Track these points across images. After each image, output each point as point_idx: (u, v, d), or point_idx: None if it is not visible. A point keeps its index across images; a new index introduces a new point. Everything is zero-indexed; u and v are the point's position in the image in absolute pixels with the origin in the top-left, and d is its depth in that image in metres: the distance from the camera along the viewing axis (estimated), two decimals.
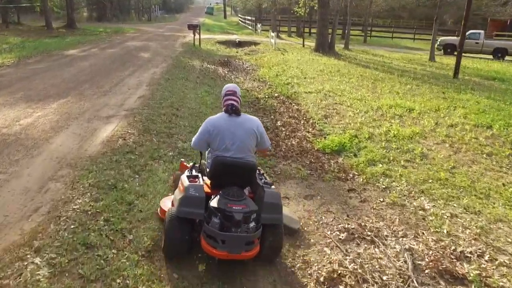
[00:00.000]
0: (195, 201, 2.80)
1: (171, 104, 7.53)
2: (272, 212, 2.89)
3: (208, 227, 2.72)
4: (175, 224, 2.82)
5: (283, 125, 7.64)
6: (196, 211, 2.79)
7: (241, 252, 2.73)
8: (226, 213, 2.69)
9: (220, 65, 14.43)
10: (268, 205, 2.87)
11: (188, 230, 2.88)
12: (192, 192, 2.82)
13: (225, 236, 2.68)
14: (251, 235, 2.73)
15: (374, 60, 17.77)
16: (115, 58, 13.44)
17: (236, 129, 3.00)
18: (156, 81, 9.60)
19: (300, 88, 10.69)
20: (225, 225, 2.70)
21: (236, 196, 2.81)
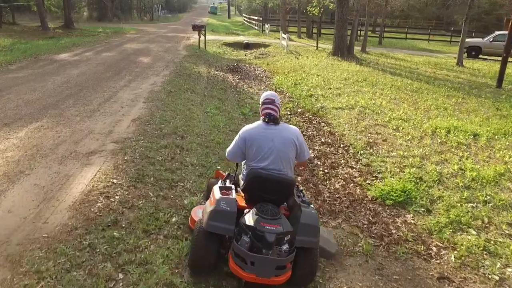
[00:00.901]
0: (226, 215, 2.62)
1: (174, 129, 5.86)
2: (308, 235, 2.65)
3: (237, 246, 2.52)
4: (202, 238, 2.66)
5: (318, 157, 5.96)
6: (226, 226, 2.59)
7: (271, 277, 2.49)
8: (258, 233, 2.49)
9: (229, 71, 12.76)
10: (304, 226, 2.64)
11: (216, 246, 2.70)
12: (223, 206, 2.64)
13: (254, 258, 2.46)
14: (283, 259, 2.51)
15: (398, 65, 16.06)
16: (110, 64, 11.79)
17: (274, 139, 2.84)
18: (156, 94, 7.93)
19: (327, 102, 9.00)
20: (255, 245, 2.49)
21: (270, 214, 2.59)
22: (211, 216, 2.62)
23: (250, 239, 2.49)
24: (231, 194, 2.84)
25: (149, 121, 6.08)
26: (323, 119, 7.88)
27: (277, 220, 2.55)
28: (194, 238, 2.72)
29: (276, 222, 2.54)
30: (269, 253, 2.46)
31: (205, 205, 2.90)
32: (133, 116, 6.31)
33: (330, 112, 8.21)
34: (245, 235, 2.52)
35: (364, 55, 18.58)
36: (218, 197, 2.72)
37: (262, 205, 2.67)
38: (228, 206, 2.64)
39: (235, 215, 2.63)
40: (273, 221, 2.53)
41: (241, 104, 8.52)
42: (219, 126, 6.58)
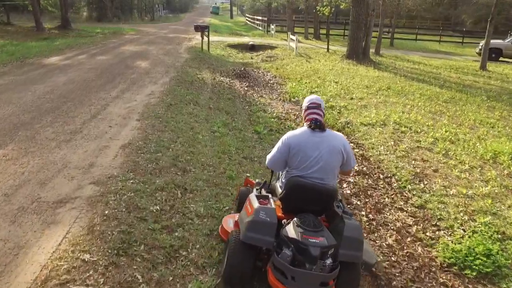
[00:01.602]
0: (265, 227, 2.44)
1: (174, 159, 4.60)
2: (352, 249, 2.43)
3: (278, 259, 2.33)
4: (239, 249, 2.48)
5: (356, 194, 4.71)
6: (265, 238, 2.41)
7: None
8: (301, 246, 2.30)
9: (236, 77, 11.50)
10: (348, 239, 2.42)
11: (253, 258, 2.51)
12: (263, 216, 2.46)
13: (297, 273, 2.27)
14: (328, 275, 2.30)
15: (418, 69, 14.79)
16: (103, 69, 10.54)
17: (321, 147, 2.64)
18: (152, 109, 6.67)
19: (352, 115, 7.74)
20: (297, 258, 2.31)
21: (313, 226, 2.42)
22: (249, 227, 2.47)
23: (292, 252, 2.34)
24: (269, 203, 2.68)
25: (142, 147, 4.82)
26: (352, 139, 6.62)
27: (320, 232, 2.41)
28: (230, 249, 2.55)
29: (320, 234, 2.39)
30: (313, 268, 2.29)
31: (241, 214, 2.74)
32: (123, 140, 5.05)
33: (359, 129, 6.96)
34: (287, 247, 2.37)
35: (379, 58, 17.32)
36: (257, 207, 2.55)
37: (304, 216, 2.52)
38: (268, 216, 2.49)
39: (275, 227, 2.48)
40: (316, 234, 2.38)
41: (253, 119, 7.27)
42: (230, 151, 5.32)
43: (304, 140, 2.67)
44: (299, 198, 2.63)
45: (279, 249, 2.39)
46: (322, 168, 2.64)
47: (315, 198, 2.62)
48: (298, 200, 2.63)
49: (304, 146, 2.65)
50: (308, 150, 2.64)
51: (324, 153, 2.64)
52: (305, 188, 2.59)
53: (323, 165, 2.64)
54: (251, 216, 2.50)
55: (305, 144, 2.66)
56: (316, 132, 2.67)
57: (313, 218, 2.50)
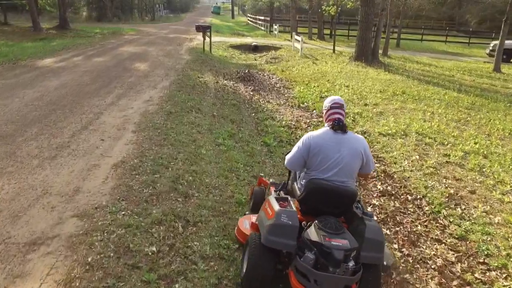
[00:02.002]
0: (287, 230, 2.39)
1: (174, 181, 3.96)
2: (374, 250, 2.39)
3: (301, 263, 2.28)
4: (259, 253, 2.44)
5: (384, 221, 4.07)
6: (287, 242, 2.37)
7: None
8: (324, 249, 2.25)
9: (240, 80, 10.86)
10: (369, 241, 2.39)
11: (274, 261, 2.47)
12: (284, 220, 2.41)
13: (321, 276, 2.22)
14: (352, 278, 2.26)
15: (430, 72, 14.13)
16: (99, 72, 9.91)
17: (342, 149, 2.60)
18: (150, 118, 6.04)
19: (368, 124, 7.10)
20: (321, 262, 2.26)
21: (334, 228, 2.37)
22: (270, 230, 2.41)
23: (315, 255, 2.28)
24: (288, 205, 2.61)
25: (137, 167, 4.18)
26: (371, 151, 5.97)
27: (343, 235, 2.35)
28: (250, 253, 2.49)
29: (342, 237, 2.33)
30: (336, 271, 2.24)
31: (260, 217, 2.67)
32: (116, 158, 4.41)
33: (377, 140, 6.32)
34: (309, 251, 2.32)
35: (387, 59, 16.66)
36: (278, 210, 2.49)
37: (325, 218, 2.47)
38: (290, 219, 2.43)
39: (297, 230, 2.42)
40: (339, 236, 2.32)
41: (261, 128, 6.63)
42: (238, 168, 4.68)
43: (325, 141, 2.62)
44: (319, 200, 2.60)
45: (301, 252, 2.36)
46: (343, 171, 2.61)
47: (336, 201, 2.60)
48: (318, 202, 2.61)
49: (325, 147, 2.61)
50: (329, 151, 2.60)
51: (345, 155, 2.60)
52: (326, 190, 2.56)
53: (344, 167, 2.60)
54: (273, 220, 2.45)
55: (326, 145, 2.61)
56: (337, 133, 2.63)
57: (334, 220, 2.46)
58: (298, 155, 2.71)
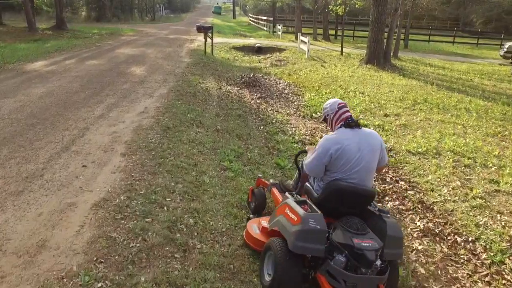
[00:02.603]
0: (316, 235, 2.33)
1: (169, 228, 3.09)
2: (396, 247, 2.44)
3: (333, 266, 2.26)
4: (286, 259, 2.38)
5: (433, 274, 3.21)
6: (317, 247, 2.32)
7: None
8: (356, 251, 2.24)
9: (245, 86, 10.00)
10: (391, 239, 2.41)
11: (301, 267, 2.44)
12: (312, 224, 2.35)
13: (356, 279, 2.21)
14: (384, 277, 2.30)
15: (447, 76, 13.27)
16: (91, 77, 9.07)
17: (362, 147, 2.58)
18: (144, 135, 5.18)
19: (393, 139, 6.25)
20: (352, 263, 2.25)
21: (360, 229, 2.38)
22: (299, 236, 2.34)
23: (346, 257, 2.27)
24: (310, 209, 2.54)
25: (124, 207, 3.32)
26: (399, 174, 5.12)
27: (368, 235, 2.37)
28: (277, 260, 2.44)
29: (368, 237, 2.34)
30: (369, 272, 2.25)
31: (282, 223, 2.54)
32: (98, 193, 3.55)
33: (406, 160, 5.46)
34: (339, 253, 2.30)
35: (398, 61, 15.80)
36: (304, 214, 2.41)
37: (348, 219, 2.48)
38: (318, 224, 2.37)
39: (326, 234, 2.38)
40: (365, 237, 2.33)
41: (272, 145, 5.77)
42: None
43: (346, 141, 2.59)
44: (339, 201, 2.60)
45: (329, 255, 2.34)
46: (364, 169, 2.60)
47: (355, 201, 2.61)
48: (338, 203, 2.61)
49: (347, 148, 2.56)
50: (351, 152, 2.57)
51: (365, 153, 2.59)
52: (346, 192, 2.56)
53: (365, 165, 2.60)
54: (300, 225, 2.38)
55: (347, 145, 2.57)
56: (354, 129, 2.63)
57: (358, 220, 2.47)
58: (319, 162, 2.64)
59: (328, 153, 2.58)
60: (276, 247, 2.49)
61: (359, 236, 2.33)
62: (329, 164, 2.62)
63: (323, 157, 2.60)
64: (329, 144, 2.60)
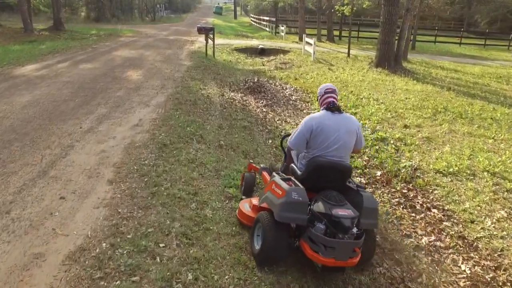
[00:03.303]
0: (299, 206, 2.66)
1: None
2: (371, 217, 2.79)
3: (314, 233, 2.58)
4: (273, 229, 2.71)
5: None
6: (299, 216, 2.66)
7: (347, 259, 2.58)
8: (334, 219, 2.57)
9: (250, 92, 9.31)
10: (367, 210, 2.76)
11: (287, 235, 2.77)
12: (295, 197, 2.67)
13: (334, 243, 2.53)
14: (359, 242, 2.60)
15: (462, 80, 12.56)
16: (83, 83, 8.38)
17: (340, 127, 2.94)
18: (136, 155, 4.49)
19: (417, 155, 5.55)
20: (331, 230, 2.57)
21: (338, 200, 2.72)
22: (283, 207, 2.65)
23: (325, 225, 2.57)
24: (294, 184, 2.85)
25: (105, 260, 2.62)
26: (430, 199, 4.43)
27: (346, 206, 2.68)
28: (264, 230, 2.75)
29: (346, 207, 2.66)
30: (345, 237, 2.54)
31: (269, 197, 2.88)
32: (74, 237, 2.85)
33: (436, 182, 4.76)
34: (319, 222, 2.60)
35: (408, 64, 15.08)
36: (288, 188, 2.72)
37: (328, 192, 2.77)
38: (300, 196, 2.68)
39: (307, 205, 2.69)
40: (343, 207, 2.65)
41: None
42: None
43: (325, 122, 2.92)
44: (320, 177, 2.89)
45: (311, 224, 2.62)
46: (341, 147, 2.93)
47: (335, 176, 2.91)
48: (318, 179, 2.90)
49: (326, 127, 2.90)
50: (329, 131, 2.90)
51: (342, 133, 2.92)
52: (327, 166, 2.86)
53: (342, 144, 2.93)
54: (284, 198, 2.67)
55: (327, 125, 2.91)
56: (335, 113, 2.97)
57: (336, 193, 2.78)
58: (301, 137, 2.95)
59: (310, 129, 2.93)
60: (264, 219, 2.81)
61: (337, 207, 2.64)
62: (310, 140, 2.96)
63: (306, 132, 2.95)
64: (311, 121, 2.97)
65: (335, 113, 2.96)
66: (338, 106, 3.02)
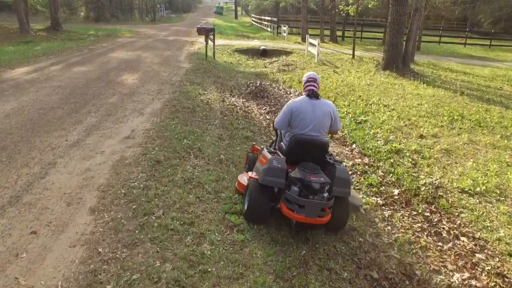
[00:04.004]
0: (278, 171, 3.20)
1: None
2: (342, 186, 3.23)
3: (289, 194, 3.09)
4: (258, 191, 3.28)
5: None
6: (279, 180, 3.19)
7: (316, 217, 3.04)
8: (305, 183, 3.08)
9: (252, 97, 8.79)
10: (339, 179, 3.21)
11: (269, 197, 3.32)
12: (275, 164, 3.22)
13: (304, 202, 3.02)
14: (326, 202, 3.07)
15: (473, 83, 12.02)
16: (74, 88, 7.87)
17: (316, 110, 3.46)
18: (125, 176, 3.96)
19: (437, 171, 5.03)
20: (304, 192, 3.08)
21: (312, 169, 3.22)
22: (266, 172, 3.20)
23: (299, 188, 3.10)
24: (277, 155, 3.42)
25: None
26: (457, 224, 3.91)
27: (319, 174, 3.19)
28: (250, 192, 3.33)
29: (318, 175, 3.16)
30: (315, 198, 3.06)
31: (256, 166, 3.45)
32: None
33: (461, 204, 4.24)
34: (294, 185, 3.13)
35: (415, 66, 14.54)
36: (270, 157, 3.29)
37: (305, 163, 3.30)
38: (280, 164, 3.24)
39: (286, 171, 3.23)
40: (316, 174, 3.16)
41: None
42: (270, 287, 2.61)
43: (303, 105, 3.49)
44: (300, 151, 3.38)
45: (288, 187, 3.16)
46: (317, 126, 3.45)
47: (312, 150, 3.40)
48: (300, 152, 3.38)
49: (304, 109, 3.46)
50: (306, 112, 3.45)
51: (318, 115, 3.45)
52: (305, 142, 3.38)
53: (317, 123, 3.45)
54: (267, 165, 3.23)
55: (304, 108, 3.47)
56: (312, 99, 3.51)
57: (312, 164, 3.29)
58: (284, 117, 3.57)
59: (291, 111, 3.47)
60: (252, 184, 3.34)
61: (310, 174, 3.11)
62: (291, 120, 3.48)
63: (287, 114, 3.50)
64: (292, 105, 3.52)
65: (313, 99, 3.48)
66: (316, 93, 3.53)
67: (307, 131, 3.39)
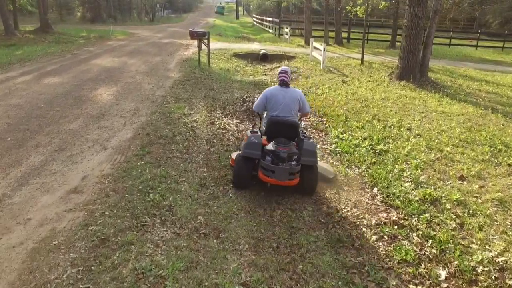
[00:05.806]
0: (256, 145, 4.05)
1: None
2: (309, 156, 4.02)
3: (264, 162, 3.92)
4: (242, 162, 4.16)
5: None
6: (255, 152, 4.03)
7: (286, 180, 3.89)
8: (276, 153, 3.88)
9: (248, 116, 7.41)
10: (306, 151, 4.01)
11: (250, 167, 4.17)
12: (253, 140, 4.08)
13: (275, 168, 3.85)
14: (293, 168, 3.89)
15: (500, 95, 10.59)
16: (32, 109, 6.52)
17: (286, 96, 4.34)
18: (42, 272, 2.61)
19: (496, 238, 3.65)
20: (275, 161, 3.87)
21: (283, 143, 4.02)
22: (246, 146, 4.08)
23: (271, 157, 3.90)
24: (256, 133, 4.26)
25: None
26: None
27: (288, 146, 3.98)
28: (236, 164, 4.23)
29: (287, 146, 3.97)
30: (284, 165, 3.87)
31: (241, 144, 4.54)
32: None
33: None
34: (268, 156, 3.92)
35: (431, 74, 13.12)
36: (249, 135, 4.16)
37: (278, 139, 4.10)
38: (256, 139, 4.10)
39: (261, 145, 4.07)
40: (285, 146, 3.96)
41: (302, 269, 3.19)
42: None
43: (276, 92, 4.37)
44: (275, 130, 4.21)
45: (264, 158, 3.95)
46: (285, 108, 4.31)
47: (285, 128, 4.22)
48: (276, 130, 4.21)
49: (275, 96, 4.34)
50: (277, 98, 4.33)
51: (287, 100, 4.33)
52: (278, 122, 4.24)
53: (285, 106, 4.31)
54: (247, 141, 4.09)
55: (276, 94, 4.35)
56: (283, 87, 4.40)
57: (284, 139, 4.09)
58: (260, 102, 4.43)
59: (265, 97, 4.40)
60: (238, 157, 4.28)
61: (282, 146, 3.96)
62: (266, 104, 4.40)
63: (263, 99, 4.41)
64: (266, 92, 4.44)
65: (283, 87, 4.39)
66: (287, 83, 4.41)
67: (278, 113, 4.28)
